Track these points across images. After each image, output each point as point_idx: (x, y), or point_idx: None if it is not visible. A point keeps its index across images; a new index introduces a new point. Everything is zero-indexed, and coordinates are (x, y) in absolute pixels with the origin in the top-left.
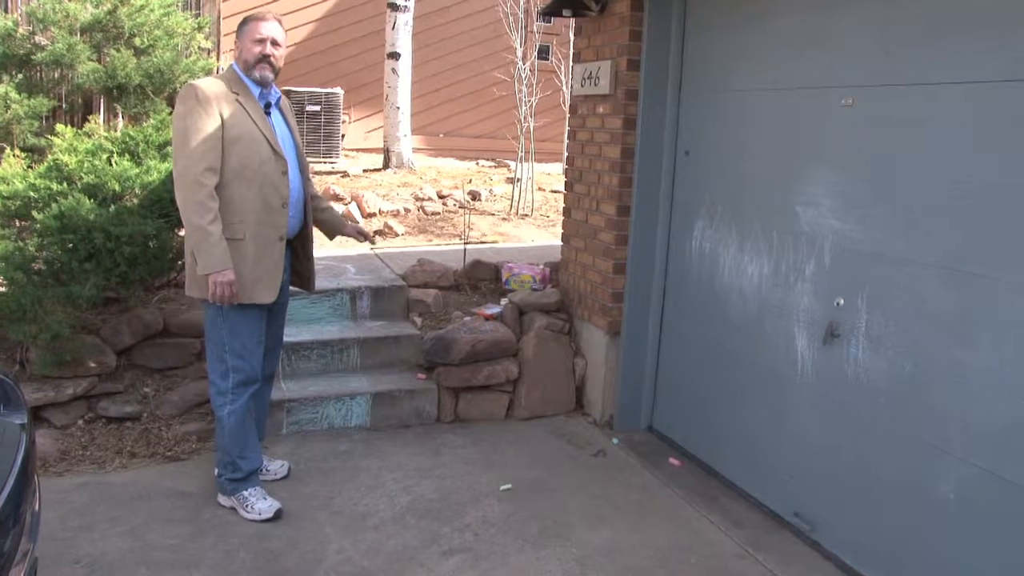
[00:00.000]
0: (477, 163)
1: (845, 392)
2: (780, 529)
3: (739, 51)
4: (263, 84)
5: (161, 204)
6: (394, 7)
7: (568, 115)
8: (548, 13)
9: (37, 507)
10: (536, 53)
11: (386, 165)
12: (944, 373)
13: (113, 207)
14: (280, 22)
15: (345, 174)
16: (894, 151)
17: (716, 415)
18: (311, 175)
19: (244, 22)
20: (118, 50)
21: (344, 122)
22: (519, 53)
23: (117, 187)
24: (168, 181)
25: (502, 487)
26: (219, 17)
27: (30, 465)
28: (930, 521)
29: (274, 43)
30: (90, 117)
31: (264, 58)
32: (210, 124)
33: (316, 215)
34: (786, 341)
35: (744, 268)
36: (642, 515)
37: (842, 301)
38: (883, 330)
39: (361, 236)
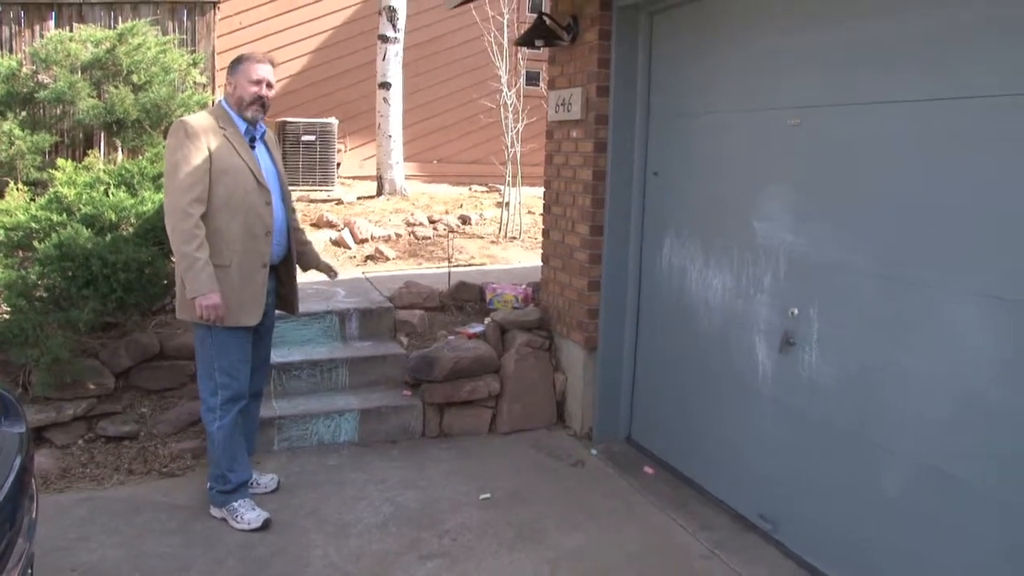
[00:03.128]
0: (470, 188)
1: (800, 397)
2: (746, 531)
3: (699, 76)
4: (253, 123)
5: (155, 232)
6: (384, 39)
7: (546, 140)
8: (522, 44)
9: (34, 515)
10: (523, 79)
11: (379, 192)
12: (886, 375)
13: (109, 236)
14: (273, 63)
15: (339, 201)
16: (836, 167)
17: (687, 424)
18: (294, 205)
19: (239, 60)
20: (117, 87)
21: (340, 151)
22: (504, 81)
23: (114, 217)
24: (162, 211)
25: (481, 496)
26: (213, 53)
27: (27, 472)
28: (880, 516)
29: (268, 85)
30: (90, 151)
31: (259, 99)
32: (198, 158)
33: (296, 247)
34: (748, 350)
35: (709, 282)
36: (615, 521)
37: (796, 311)
38: (832, 337)
39: (330, 272)
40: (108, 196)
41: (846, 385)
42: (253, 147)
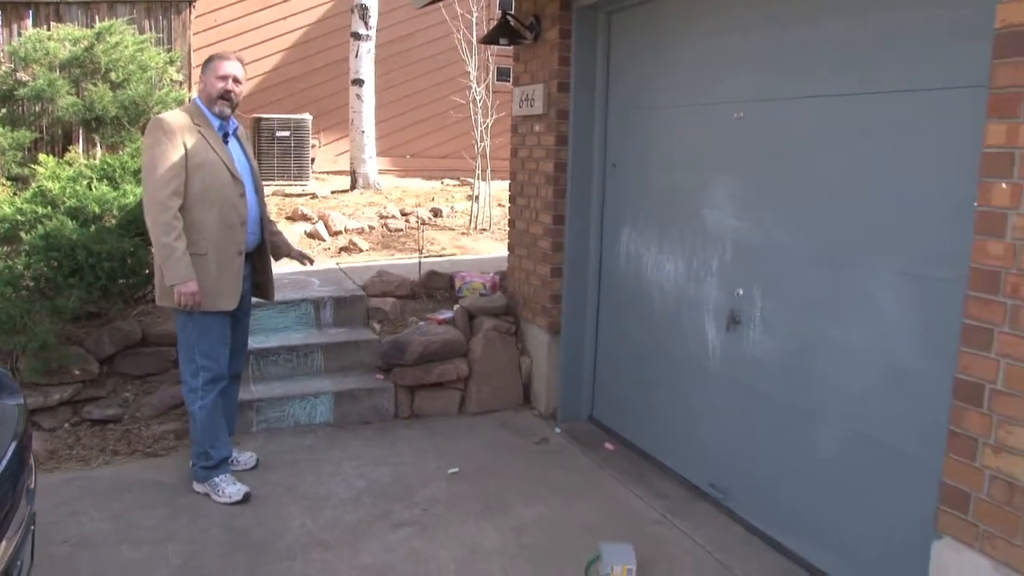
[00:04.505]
0: (442, 182)
1: (746, 372)
2: (698, 499)
3: (653, 73)
4: (222, 117)
5: (137, 224)
6: (357, 36)
7: (511, 134)
8: (487, 42)
9: (33, 484)
10: (494, 75)
11: (353, 186)
12: (821, 349)
13: (94, 227)
14: (241, 61)
15: (314, 195)
16: (775, 157)
17: (645, 401)
18: (265, 197)
19: (209, 59)
20: (95, 84)
21: (314, 146)
22: (473, 77)
23: (97, 209)
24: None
25: (450, 471)
26: (190, 51)
27: (26, 441)
28: (817, 481)
29: (235, 80)
30: (70, 147)
31: (226, 94)
32: (175, 153)
33: (268, 237)
34: (699, 330)
35: (664, 267)
36: (575, 492)
37: (741, 291)
38: (774, 315)
39: (303, 259)
40: (91, 189)
41: (786, 359)
42: (226, 142)
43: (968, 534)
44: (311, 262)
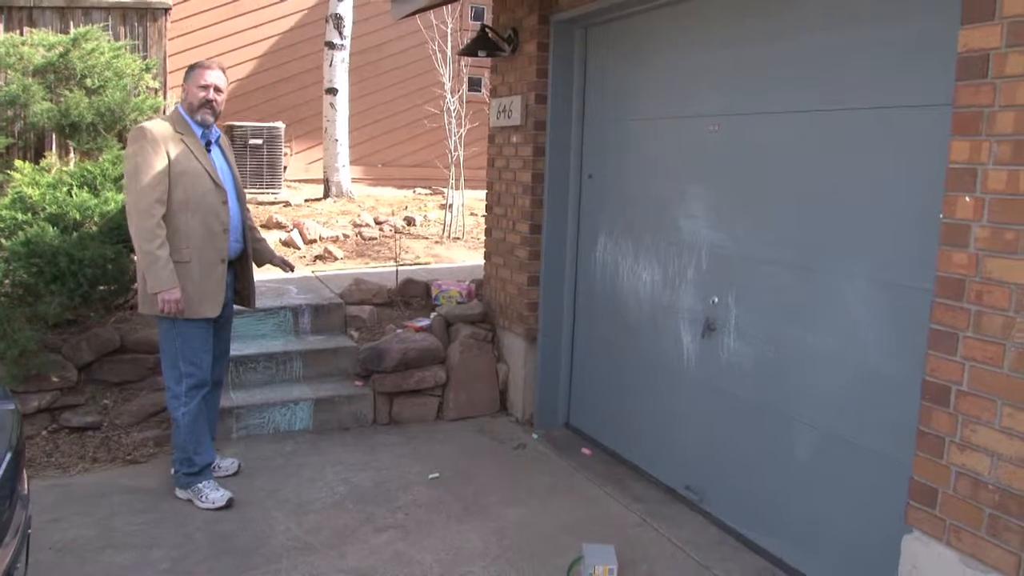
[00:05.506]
0: (414, 191)
1: (721, 377)
2: (674, 502)
3: (630, 86)
4: (204, 125)
5: (118, 231)
6: (331, 45)
7: (488, 145)
8: (465, 54)
9: (26, 489)
10: (465, 85)
11: (326, 195)
12: (795, 353)
13: (75, 233)
14: (223, 70)
15: (287, 204)
16: (750, 169)
17: (621, 407)
18: (248, 204)
19: (192, 68)
20: (71, 90)
21: (286, 154)
22: (447, 87)
23: (78, 216)
24: (124, 210)
25: (430, 476)
26: (165, 57)
27: (21, 444)
28: (791, 481)
29: (217, 89)
30: (46, 153)
31: (207, 103)
32: (158, 161)
33: (251, 244)
34: (674, 336)
35: (640, 275)
36: (554, 495)
37: (716, 299)
38: (748, 321)
39: (285, 266)
40: (71, 196)
41: (761, 365)
42: (209, 150)
43: (936, 528)
44: (292, 269)
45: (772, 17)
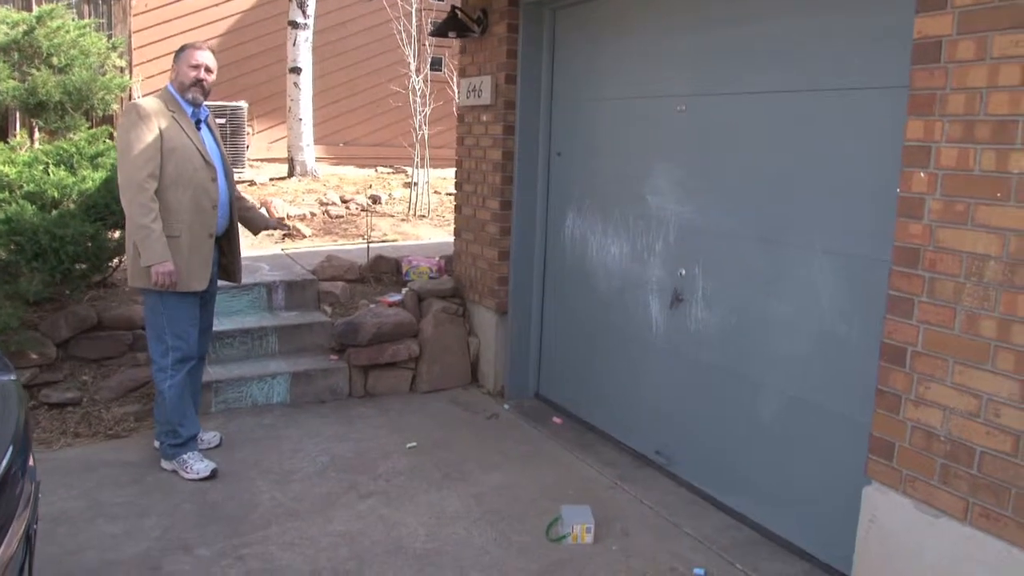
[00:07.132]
0: (376, 170)
1: (689, 345)
2: (645, 466)
3: (598, 66)
4: (195, 104)
5: (97, 209)
6: (295, 24)
7: (457, 124)
8: (436, 35)
9: (32, 461)
10: (428, 65)
11: (291, 173)
12: (759, 322)
13: (55, 211)
14: (212, 52)
15: (252, 183)
16: (716, 147)
17: (591, 377)
18: (235, 181)
19: (182, 49)
20: (37, 69)
21: (248, 133)
22: (412, 67)
23: (56, 194)
24: (103, 188)
25: (408, 445)
26: (130, 34)
27: (28, 414)
28: (755, 443)
29: (207, 69)
30: (17, 132)
31: (198, 82)
32: (150, 137)
33: (243, 214)
34: (643, 308)
35: (608, 249)
36: (529, 462)
37: (683, 271)
38: (715, 292)
39: (280, 226)
40: (49, 175)
41: (727, 333)
42: (199, 129)
43: (893, 478)
44: (287, 227)
45: (738, 1)
